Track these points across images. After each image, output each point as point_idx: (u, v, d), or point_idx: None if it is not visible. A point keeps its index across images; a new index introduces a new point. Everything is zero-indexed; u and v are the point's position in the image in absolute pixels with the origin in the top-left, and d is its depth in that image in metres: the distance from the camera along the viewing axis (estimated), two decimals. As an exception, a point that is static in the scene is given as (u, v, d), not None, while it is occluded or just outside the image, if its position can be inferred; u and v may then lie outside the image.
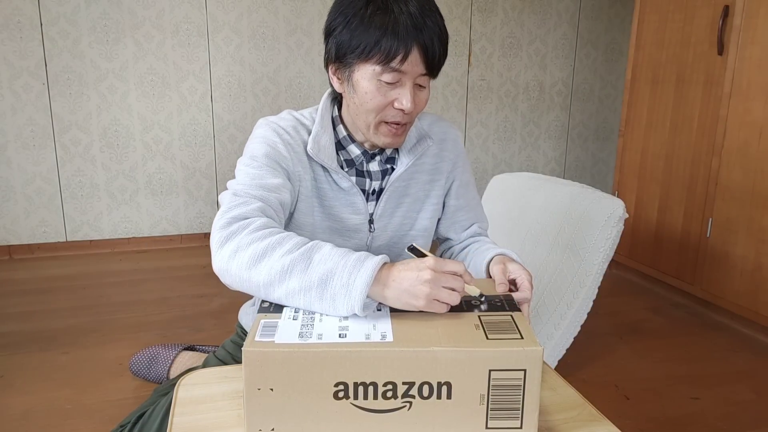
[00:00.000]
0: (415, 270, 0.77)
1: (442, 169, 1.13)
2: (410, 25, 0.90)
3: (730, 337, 2.21)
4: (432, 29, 0.91)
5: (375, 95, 0.95)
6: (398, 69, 0.92)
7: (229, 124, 3.11)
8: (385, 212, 1.08)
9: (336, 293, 0.76)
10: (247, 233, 0.84)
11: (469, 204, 1.19)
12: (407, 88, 0.94)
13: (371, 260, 0.78)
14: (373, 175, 1.06)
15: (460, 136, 1.17)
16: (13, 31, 2.72)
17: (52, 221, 2.95)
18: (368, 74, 0.94)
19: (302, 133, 1.02)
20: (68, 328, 2.14)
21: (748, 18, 2.14)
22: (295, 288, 0.78)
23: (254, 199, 0.91)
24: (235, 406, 0.78)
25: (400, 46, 0.90)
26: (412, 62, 0.92)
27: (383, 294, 0.77)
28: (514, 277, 0.93)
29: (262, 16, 3.04)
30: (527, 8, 3.47)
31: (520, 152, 3.68)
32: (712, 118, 2.31)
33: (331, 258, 0.79)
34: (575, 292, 1.78)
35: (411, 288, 0.76)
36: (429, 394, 0.69)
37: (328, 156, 1.01)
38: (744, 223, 2.20)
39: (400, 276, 0.77)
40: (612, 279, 2.78)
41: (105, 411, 1.62)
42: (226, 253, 0.83)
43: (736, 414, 1.70)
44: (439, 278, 0.76)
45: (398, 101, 0.95)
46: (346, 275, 0.77)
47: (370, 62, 0.92)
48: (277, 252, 0.81)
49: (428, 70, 0.94)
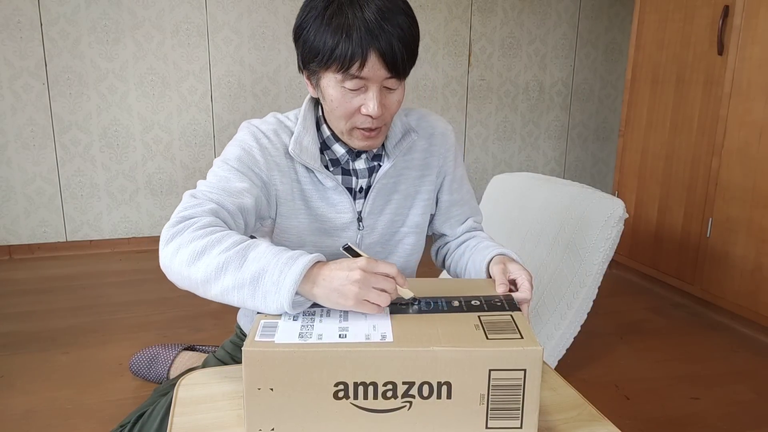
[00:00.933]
0: (345, 270, 0.77)
1: (431, 164, 1.12)
2: (365, 30, 0.87)
3: (730, 337, 2.21)
4: (391, 32, 0.88)
5: (341, 102, 0.94)
6: (358, 75, 0.90)
7: (229, 124, 3.10)
8: (373, 210, 1.07)
9: (267, 290, 0.77)
10: (189, 231, 0.84)
11: (463, 198, 1.18)
12: (372, 94, 0.92)
13: (303, 258, 0.79)
14: (360, 173, 1.05)
15: (450, 130, 1.15)
16: (13, 31, 2.72)
17: (52, 221, 2.95)
18: (332, 81, 0.93)
19: (283, 136, 1.02)
20: (68, 328, 2.14)
21: (748, 18, 2.14)
22: (230, 285, 0.79)
23: (210, 202, 0.91)
24: (235, 406, 0.78)
25: (356, 53, 0.87)
26: (371, 68, 0.89)
27: (312, 292, 0.78)
28: (514, 278, 0.92)
29: (262, 16, 3.04)
30: (527, 8, 3.47)
31: (520, 152, 3.68)
32: (712, 118, 2.31)
33: (264, 256, 0.80)
34: (575, 292, 1.78)
35: (340, 287, 0.76)
36: (429, 394, 0.69)
37: (311, 156, 1.01)
38: (744, 223, 2.20)
39: (330, 275, 0.77)
40: (612, 279, 2.78)
41: (105, 411, 1.62)
42: (169, 251, 0.84)
43: (736, 414, 1.70)
44: (369, 279, 0.76)
45: (364, 107, 0.93)
46: (277, 273, 0.77)
47: (331, 70, 0.91)
48: (215, 249, 0.81)
49: (392, 73, 0.91)
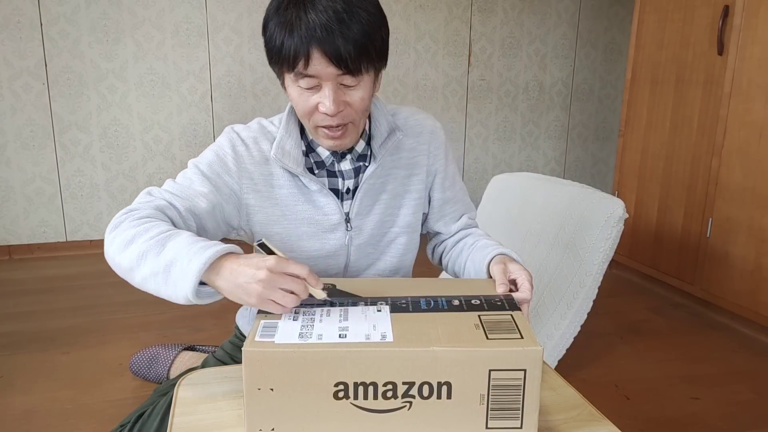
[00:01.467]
0: (253, 267, 0.76)
1: (420, 162, 1.10)
2: (305, 28, 0.86)
3: (730, 337, 2.21)
4: (336, 30, 0.86)
5: (299, 101, 0.94)
6: (307, 74, 0.89)
7: (229, 123, 3.08)
8: (361, 210, 1.06)
9: (177, 279, 0.78)
10: (127, 222, 0.87)
11: (456, 196, 1.17)
12: (326, 92, 0.90)
13: (213, 248, 0.79)
14: (345, 174, 1.04)
15: (439, 127, 1.13)
16: (13, 31, 2.72)
17: (52, 221, 2.95)
18: (289, 81, 0.93)
19: (263, 143, 1.02)
20: (68, 328, 2.14)
21: (748, 18, 2.14)
22: (148, 273, 0.81)
23: (161, 199, 0.94)
24: (235, 406, 0.78)
25: (300, 51, 0.87)
26: (317, 65, 0.88)
27: (217, 284, 0.79)
28: (514, 278, 0.92)
29: (262, 16, 3.02)
30: (527, 8, 3.47)
31: (520, 152, 3.68)
32: (712, 118, 2.31)
33: (180, 245, 0.81)
34: (575, 292, 1.78)
35: (245, 284, 0.76)
36: (429, 394, 0.69)
37: (293, 160, 1.00)
38: (744, 223, 2.20)
39: (237, 270, 0.77)
40: (612, 279, 2.78)
41: (105, 411, 1.62)
42: (108, 241, 0.88)
43: (736, 414, 1.70)
44: (275, 279, 0.75)
45: (321, 105, 0.92)
46: (186, 261, 0.78)
47: (284, 69, 0.92)
48: (142, 238, 0.84)
49: (343, 70, 0.88)
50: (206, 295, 0.79)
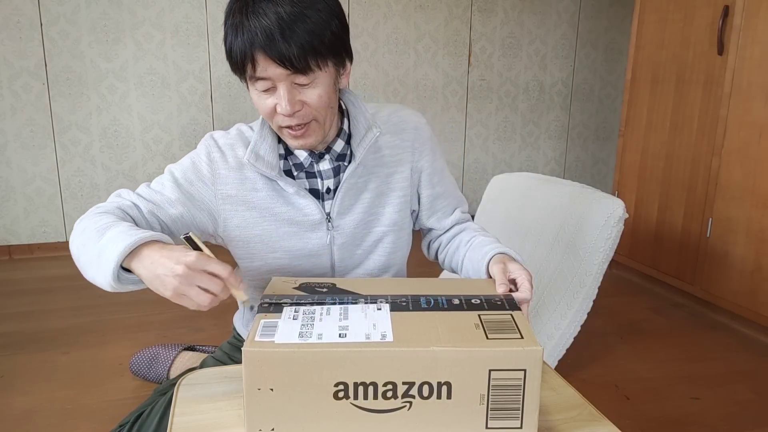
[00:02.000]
0: (173, 261, 0.76)
1: (402, 159, 1.09)
2: (248, 33, 0.87)
3: (730, 337, 2.21)
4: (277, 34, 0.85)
5: (258, 104, 0.95)
6: (258, 76, 0.90)
7: (229, 124, 3.10)
8: (342, 210, 1.05)
9: (104, 264, 0.81)
10: (87, 217, 0.91)
11: (447, 190, 1.16)
12: (281, 92, 0.91)
13: (138, 235, 0.81)
14: (324, 174, 1.04)
15: (423, 123, 1.12)
16: (13, 31, 2.72)
17: (52, 221, 2.95)
18: (249, 84, 0.95)
19: (238, 149, 1.03)
20: (68, 328, 2.14)
21: (748, 18, 2.14)
22: (87, 261, 0.85)
23: (127, 200, 0.97)
24: (235, 406, 0.78)
25: (246, 54, 0.88)
26: (265, 67, 0.88)
27: (136, 269, 0.80)
28: (514, 277, 0.92)
29: (262, 16, 3.04)
30: (527, 8, 3.47)
31: (520, 152, 3.68)
32: (712, 118, 2.31)
33: (113, 234, 0.83)
34: (575, 292, 1.78)
35: (162, 275, 0.77)
36: (429, 394, 0.69)
37: (267, 164, 1.00)
38: (744, 223, 2.19)
39: (157, 260, 0.78)
40: (612, 279, 2.78)
41: (105, 411, 1.62)
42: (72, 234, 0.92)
43: (736, 414, 1.70)
44: (192, 276, 0.75)
45: (278, 105, 0.92)
46: (112, 246, 0.80)
47: (238, 73, 0.94)
48: (89, 230, 0.87)
49: (292, 70, 0.88)
50: (128, 281, 0.81)
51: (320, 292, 0.84)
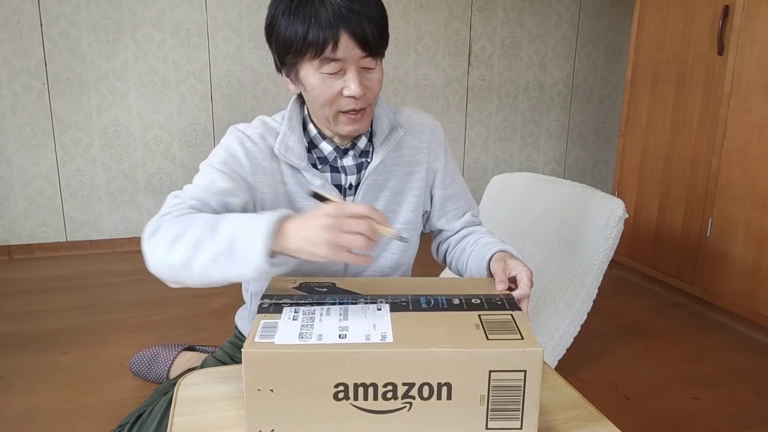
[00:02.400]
0: (314, 218, 0.75)
1: (420, 160, 1.12)
2: (332, 12, 0.89)
3: (730, 337, 2.21)
4: (359, 12, 0.90)
5: (322, 89, 0.95)
6: (333, 58, 0.91)
7: (229, 124, 3.10)
8: None
9: (242, 255, 0.76)
10: (165, 225, 0.85)
11: (458, 193, 1.18)
12: (351, 75, 0.93)
13: (271, 215, 0.78)
14: (348, 170, 1.06)
15: (439, 126, 1.16)
16: (13, 31, 2.72)
17: (52, 221, 2.95)
18: (311, 70, 0.94)
19: (269, 139, 1.03)
20: (68, 328, 2.14)
21: (748, 18, 2.14)
22: (208, 259, 0.78)
23: (192, 200, 0.92)
24: (235, 406, 0.78)
25: (328, 36, 0.89)
26: (345, 48, 0.91)
27: (286, 246, 0.76)
28: (514, 274, 0.92)
29: (262, 16, 3.03)
30: (527, 8, 3.47)
31: (520, 152, 3.68)
32: (712, 118, 2.31)
33: (234, 223, 0.79)
34: (575, 292, 1.78)
35: (311, 236, 0.74)
36: (429, 394, 0.69)
37: (297, 155, 1.01)
38: (744, 223, 2.19)
39: (299, 226, 0.76)
40: (612, 279, 2.78)
41: (105, 411, 1.62)
42: (149, 247, 0.84)
43: (736, 414, 1.70)
44: (339, 223, 0.73)
45: (346, 89, 0.94)
46: (249, 233, 0.76)
47: (307, 57, 0.93)
48: (188, 231, 0.81)
49: (367, 52, 0.93)
50: (278, 264, 0.77)
51: (320, 292, 0.84)
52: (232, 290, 2.48)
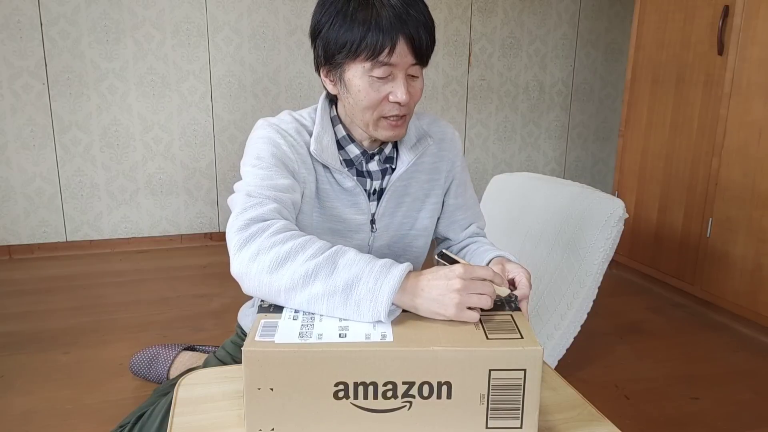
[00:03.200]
0: (444, 279, 0.76)
1: (441, 168, 1.14)
2: (393, 16, 0.90)
3: (730, 337, 2.21)
4: (416, 18, 0.92)
5: (368, 92, 0.95)
6: (387, 62, 0.92)
7: (229, 124, 3.11)
8: (386, 212, 1.08)
9: (361, 299, 0.75)
10: (267, 236, 0.82)
11: (467, 203, 1.20)
12: (400, 81, 0.94)
13: (397, 267, 0.77)
14: (374, 175, 1.06)
15: (458, 136, 1.17)
16: (13, 31, 2.72)
17: (52, 221, 2.95)
18: (359, 72, 0.94)
19: (303, 134, 1.02)
20: (68, 328, 2.14)
21: (748, 18, 2.14)
22: (319, 293, 0.76)
23: (269, 200, 0.89)
24: (235, 406, 0.78)
25: (386, 40, 0.90)
26: (400, 54, 0.92)
27: (410, 303, 0.77)
28: (512, 276, 0.94)
29: (262, 16, 3.04)
30: (527, 8, 3.47)
31: (520, 152, 3.68)
32: (712, 118, 2.31)
33: (356, 263, 0.78)
34: (575, 292, 1.78)
35: (440, 297, 0.75)
36: (429, 393, 0.69)
37: (331, 156, 1.01)
38: (744, 223, 2.20)
39: (429, 285, 0.76)
40: (612, 279, 2.78)
41: (105, 411, 1.62)
42: (246, 257, 0.81)
43: (736, 414, 1.70)
44: (469, 286, 0.75)
45: (393, 94, 0.95)
46: (372, 281, 0.75)
47: (359, 59, 0.93)
48: (300, 257, 0.79)
49: (418, 60, 0.94)
50: (392, 313, 0.76)
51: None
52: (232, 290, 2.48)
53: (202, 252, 3.07)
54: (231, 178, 3.17)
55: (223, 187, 3.18)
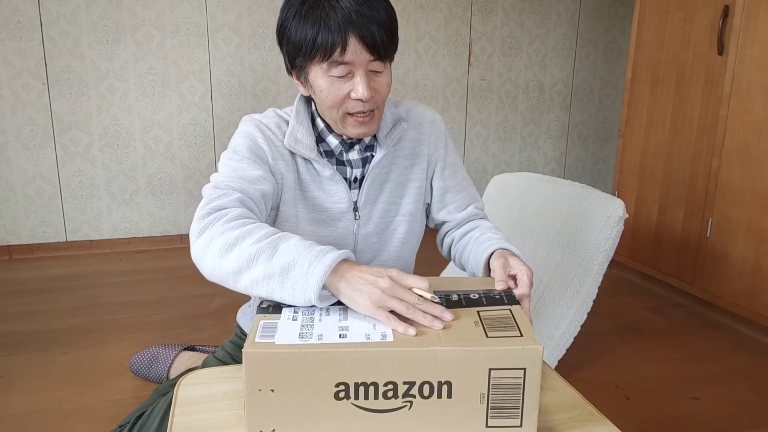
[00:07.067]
0: (375, 275, 0.77)
1: (421, 152, 1.13)
2: (342, 16, 0.90)
3: (730, 337, 2.21)
4: (369, 16, 0.91)
5: (330, 91, 0.96)
6: (342, 61, 0.93)
7: (229, 124, 3.10)
8: (368, 199, 1.09)
9: (296, 281, 0.78)
10: (221, 223, 0.86)
11: (459, 185, 1.18)
12: (359, 78, 0.95)
13: (333, 253, 0.80)
14: (354, 164, 1.07)
15: (439, 119, 1.16)
16: (13, 31, 2.72)
17: (52, 221, 2.95)
18: (319, 73, 0.96)
19: (284, 128, 1.05)
20: (68, 328, 2.14)
21: (748, 18, 2.14)
22: (259, 276, 0.80)
23: (234, 191, 0.93)
24: (235, 406, 0.78)
25: (337, 39, 0.91)
26: (354, 52, 0.92)
27: (337, 286, 0.79)
28: (514, 273, 0.93)
29: (262, 16, 3.04)
30: (527, 8, 3.47)
31: (520, 152, 3.68)
32: (712, 118, 2.31)
33: (295, 248, 0.81)
34: (575, 292, 1.78)
35: (362, 287, 0.76)
36: (429, 393, 0.69)
37: (306, 147, 1.03)
38: (744, 223, 2.20)
39: (360, 274, 0.78)
40: (612, 279, 2.78)
41: (105, 411, 1.62)
42: (202, 243, 0.86)
43: (736, 414, 1.70)
44: (394, 289, 0.76)
45: (354, 92, 0.95)
46: (306, 264, 0.78)
47: (316, 61, 0.94)
48: (246, 241, 0.83)
49: (375, 56, 0.94)
50: (325, 298, 0.79)
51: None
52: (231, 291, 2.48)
53: (202, 252, 3.07)
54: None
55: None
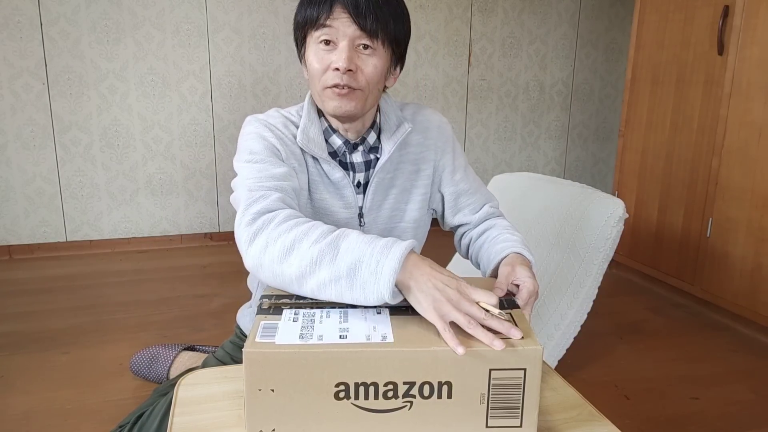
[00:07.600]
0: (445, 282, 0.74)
1: (427, 157, 1.12)
2: None
3: (730, 337, 2.21)
4: None
5: (314, 60, 0.98)
6: (327, 24, 0.94)
7: (229, 124, 3.10)
8: (373, 205, 1.08)
9: (365, 281, 0.74)
10: (273, 226, 0.82)
11: (471, 187, 1.16)
12: (341, 48, 0.95)
13: (398, 246, 0.76)
14: (357, 167, 1.06)
15: (446, 123, 1.15)
16: (13, 31, 2.72)
17: (52, 221, 2.95)
18: (312, 46, 0.98)
19: (291, 127, 1.04)
20: (68, 328, 2.14)
21: (748, 18, 2.14)
22: (325, 279, 0.76)
23: (271, 191, 0.90)
24: (235, 406, 0.78)
25: (323, 6, 0.94)
26: (339, 19, 0.94)
27: (408, 284, 0.75)
28: (517, 283, 0.90)
29: (262, 16, 3.04)
30: (527, 8, 3.47)
31: (520, 152, 3.68)
32: (712, 118, 2.31)
33: (357, 245, 0.77)
34: (575, 292, 1.78)
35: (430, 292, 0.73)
36: (429, 393, 0.69)
37: (318, 146, 1.02)
38: (744, 223, 2.20)
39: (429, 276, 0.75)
40: (612, 279, 2.78)
41: (105, 411, 1.62)
42: (257, 249, 0.81)
43: (736, 414, 1.70)
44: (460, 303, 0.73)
45: (334, 62, 0.95)
46: (374, 263, 0.75)
47: (310, 31, 0.97)
48: (304, 243, 0.79)
49: (361, 29, 0.94)
50: (396, 294, 0.75)
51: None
52: (231, 290, 2.49)
53: (202, 252, 3.07)
54: (231, 178, 3.17)
55: (224, 187, 3.18)
